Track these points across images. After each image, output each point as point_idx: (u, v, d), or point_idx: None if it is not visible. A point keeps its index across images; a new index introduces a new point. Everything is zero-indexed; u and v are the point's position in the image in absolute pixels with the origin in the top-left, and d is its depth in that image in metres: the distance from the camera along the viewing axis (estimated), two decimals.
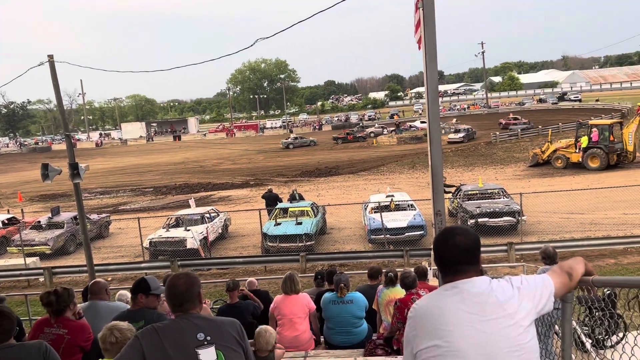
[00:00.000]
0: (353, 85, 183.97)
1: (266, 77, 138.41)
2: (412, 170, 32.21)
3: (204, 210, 19.34)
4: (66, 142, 13.15)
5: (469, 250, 2.09)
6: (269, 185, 30.46)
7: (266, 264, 15.07)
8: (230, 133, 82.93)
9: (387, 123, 68.10)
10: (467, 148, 39.64)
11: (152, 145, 74.41)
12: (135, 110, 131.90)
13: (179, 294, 2.58)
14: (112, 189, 35.14)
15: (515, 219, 16.10)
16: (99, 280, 4.95)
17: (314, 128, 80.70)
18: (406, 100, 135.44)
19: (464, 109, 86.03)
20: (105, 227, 21.12)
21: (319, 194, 26.06)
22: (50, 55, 12.91)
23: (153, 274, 14.75)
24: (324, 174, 34.28)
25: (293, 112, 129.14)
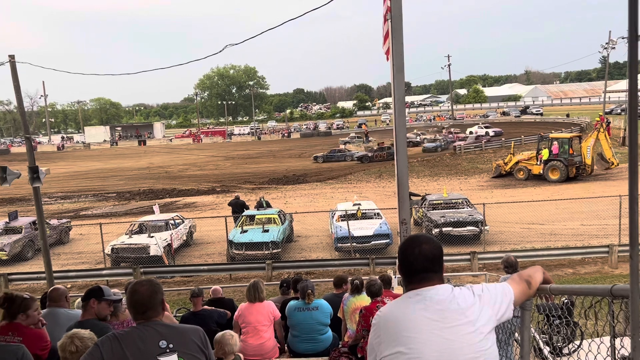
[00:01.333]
0: (322, 94, 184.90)
1: (235, 83, 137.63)
2: (379, 179, 32.52)
3: (169, 216, 19.03)
4: (26, 145, 12.74)
5: (435, 259, 2.13)
6: (236, 192, 30.21)
7: (231, 271, 14.92)
8: (197, 139, 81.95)
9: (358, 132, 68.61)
10: (433, 158, 40.31)
11: (116, 150, 72.85)
12: (100, 114, 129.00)
13: (141, 301, 2.54)
14: (73, 193, 34.21)
15: (478, 228, 16.43)
16: (58, 287, 4.80)
17: (282, 136, 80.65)
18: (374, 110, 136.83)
19: (430, 120, 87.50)
20: (66, 233, 20.51)
21: (286, 202, 25.99)
22: (12, 56, 12.53)
23: (115, 281, 14.43)
24: (291, 181, 34.23)
25: (261, 119, 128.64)
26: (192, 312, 6.17)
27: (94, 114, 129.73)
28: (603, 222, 16.87)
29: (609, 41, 52.07)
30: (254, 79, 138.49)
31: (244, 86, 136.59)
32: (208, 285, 13.24)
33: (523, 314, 2.58)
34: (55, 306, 4.62)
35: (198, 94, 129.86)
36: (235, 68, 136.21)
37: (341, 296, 6.68)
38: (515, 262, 7.21)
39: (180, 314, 8.00)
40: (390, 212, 17.13)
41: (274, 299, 7.27)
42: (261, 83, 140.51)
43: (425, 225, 17.41)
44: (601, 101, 66.14)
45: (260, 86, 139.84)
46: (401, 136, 6.63)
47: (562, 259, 14.60)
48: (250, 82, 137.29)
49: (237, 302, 7.70)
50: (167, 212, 22.60)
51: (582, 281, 13.16)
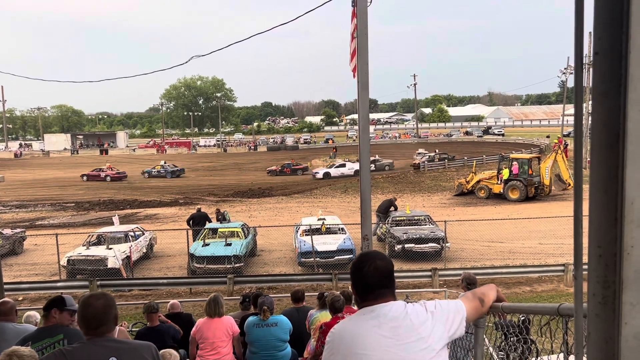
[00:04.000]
0: (290, 108, 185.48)
1: (202, 94, 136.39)
2: (344, 194, 32.68)
3: (128, 228, 18.59)
4: None
5: (389, 275, 2.16)
6: (199, 204, 29.82)
7: (192, 285, 14.64)
8: (161, 149, 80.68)
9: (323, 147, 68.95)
10: (397, 175, 40.83)
11: (77, 158, 70.94)
12: (61, 121, 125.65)
13: (95, 315, 2.45)
14: (29, 202, 33.06)
15: (439, 245, 16.67)
16: (7, 300, 4.62)
17: (249, 148, 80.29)
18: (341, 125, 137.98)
19: (395, 137, 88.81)
20: (20, 243, 19.74)
21: (250, 215, 25.80)
22: None
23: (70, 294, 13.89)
24: (256, 195, 34.03)
25: (228, 131, 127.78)
26: (149, 327, 6.02)
27: (54, 121, 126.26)
28: (559, 241, 17.38)
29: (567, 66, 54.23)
30: (222, 90, 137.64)
31: (211, 98, 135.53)
32: (167, 299, 12.90)
33: (477, 331, 2.63)
34: (5, 320, 4.43)
35: (164, 104, 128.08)
36: (203, 79, 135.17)
37: (301, 310, 6.65)
38: (475, 279, 7.31)
39: (137, 328, 7.78)
40: (355, 228, 17.22)
41: (233, 314, 7.17)
42: (229, 95, 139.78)
43: (388, 242, 17.56)
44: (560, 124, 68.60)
45: (227, 98, 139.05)
46: (365, 152, 6.72)
47: (520, 277, 14.94)
48: (218, 93, 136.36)
49: (197, 316, 7.56)
50: (127, 223, 22.07)
51: (538, 299, 13.49)
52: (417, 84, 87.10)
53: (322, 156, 58.47)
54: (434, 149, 53.96)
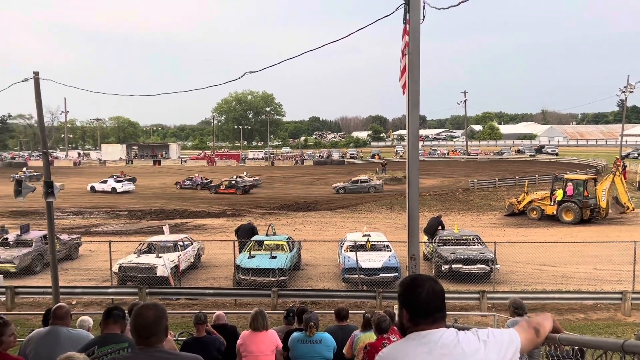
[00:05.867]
0: (337, 123, 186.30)
1: (252, 108, 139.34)
2: (390, 210, 32.36)
3: (178, 237, 19.04)
4: (43, 160, 12.94)
5: (444, 299, 2.14)
6: (247, 216, 30.27)
7: (237, 297, 14.79)
8: (211, 161, 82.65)
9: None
10: (445, 193, 40.10)
11: (131, 168, 73.53)
12: (117, 132, 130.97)
13: (147, 325, 2.50)
14: (86, 209, 34.48)
15: (488, 267, 16.19)
16: (63, 305, 4.80)
17: (295, 162, 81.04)
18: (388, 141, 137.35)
19: (444, 154, 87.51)
20: (75, 249, 20.59)
21: (295, 229, 25.92)
22: (36, 72, 12.84)
23: (120, 300, 14.38)
24: (302, 208, 34.21)
25: (276, 144, 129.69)
26: (195, 337, 6.10)
27: (112, 132, 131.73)
28: (617, 268, 16.53)
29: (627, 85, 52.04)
30: (271, 105, 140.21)
31: (261, 112, 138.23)
32: (213, 309, 13.11)
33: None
34: (60, 324, 4.60)
35: (215, 118, 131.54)
36: (253, 94, 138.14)
37: (345, 329, 6.57)
38: (522, 304, 7.06)
39: (183, 337, 7.92)
40: (400, 245, 16.99)
41: (277, 328, 7.17)
42: (278, 109, 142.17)
43: (435, 261, 17.20)
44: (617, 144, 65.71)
45: (276, 112, 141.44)
46: (414, 169, 6.63)
47: (574, 303, 14.28)
48: (267, 108, 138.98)
49: (241, 328, 7.62)
50: (177, 233, 22.60)
51: (593, 327, 12.84)
52: (467, 100, 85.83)
53: (368, 171, 58.19)
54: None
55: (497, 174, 52.51)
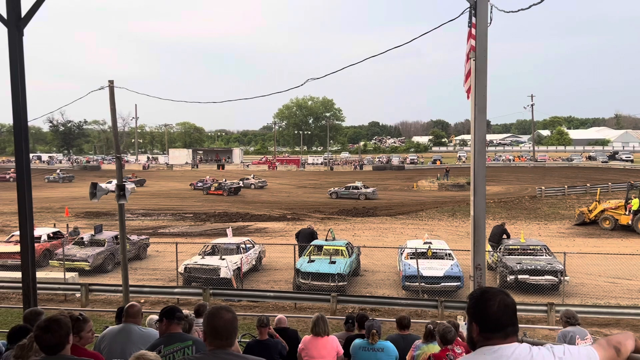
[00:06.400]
0: (397, 127, 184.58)
1: (312, 114, 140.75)
2: (452, 218, 31.65)
3: (240, 240, 19.47)
4: (116, 164, 13.64)
5: (515, 313, 2.10)
6: (306, 220, 30.56)
7: (297, 300, 14.92)
8: (272, 166, 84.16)
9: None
10: (511, 200, 38.74)
11: (196, 172, 76.11)
12: (184, 137, 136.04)
13: (224, 328, 2.56)
14: (154, 211, 35.97)
15: (557, 278, 15.47)
16: (135, 303, 5.02)
17: (355, 167, 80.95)
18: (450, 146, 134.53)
19: (509, 160, 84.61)
20: (144, 249, 21.52)
21: (354, 234, 25.89)
22: (111, 81, 13.59)
23: (185, 300, 14.88)
24: (361, 213, 34.12)
25: (335, 149, 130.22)
26: (258, 340, 6.21)
27: (178, 137, 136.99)
28: None
29: None
30: (331, 110, 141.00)
31: (321, 117, 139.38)
32: (273, 312, 13.33)
33: None
34: (132, 322, 4.82)
35: (276, 123, 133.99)
36: (314, 99, 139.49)
37: (407, 338, 6.47)
38: (575, 315, 6.76)
39: (245, 339, 8.08)
40: (463, 254, 16.58)
41: (337, 334, 7.17)
42: (337, 115, 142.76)
43: (500, 271, 16.64)
44: None
45: (336, 118, 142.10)
46: (480, 177, 6.46)
47: None
48: (327, 113, 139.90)
49: (300, 333, 7.68)
50: (239, 235, 23.14)
51: None
52: (534, 104, 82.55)
53: (428, 177, 57.23)
54: None
55: (566, 181, 50.22)
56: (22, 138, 6.68)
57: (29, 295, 6.64)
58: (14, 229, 24.40)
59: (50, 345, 3.06)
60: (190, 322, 5.71)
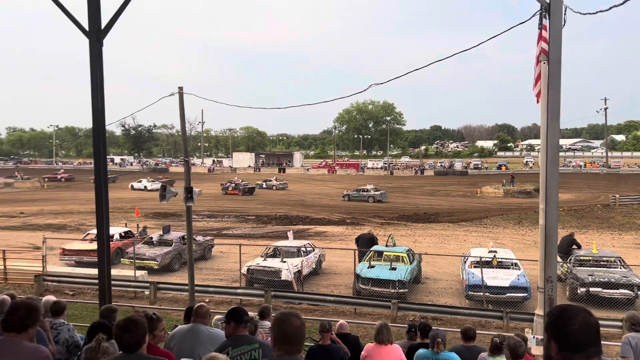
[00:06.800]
0: (460, 131, 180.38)
1: (372, 118, 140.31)
2: (518, 226, 30.50)
3: (301, 243, 19.67)
4: (184, 168, 14.16)
5: (599, 332, 2.02)
6: (365, 225, 30.44)
7: (357, 306, 14.87)
8: (331, 170, 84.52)
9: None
10: (582, 209, 36.86)
11: (258, 175, 77.67)
12: (247, 141, 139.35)
13: (295, 334, 2.57)
14: (218, 213, 37.01)
15: (633, 292, 14.55)
16: (204, 304, 5.18)
17: (415, 172, 79.82)
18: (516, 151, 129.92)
19: (579, 166, 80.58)
20: (209, 250, 22.17)
21: (415, 240, 25.50)
22: (180, 88, 14.13)
23: (247, 301, 15.20)
24: (422, 219, 33.57)
25: (395, 154, 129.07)
26: (320, 345, 6.22)
27: (242, 141, 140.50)
28: None
29: None
30: (392, 114, 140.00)
31: (381, 121, 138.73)
32: (333, 316, 13.34)
33: None
34: (200, 322, 4.98)
35: (336, 127, 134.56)
36: (374, 104, 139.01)
37: (472, 349, 6.29)
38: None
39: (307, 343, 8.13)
40: (531, 264, 15.93)
41: (399, 342, 7.08)
42: (398, 119, 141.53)
43: (570, 283, 15.85)
44: None
45: (396, 122, 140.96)
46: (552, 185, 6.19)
47: None
48: (388, 117, 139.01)
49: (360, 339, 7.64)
50: (299, 238, 23.37)
51: None
52: (607, 107, 78.18)
53: (493, 183, 55.52)
54: None
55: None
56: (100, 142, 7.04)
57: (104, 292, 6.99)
58: (89, 228, 25.89)
59: (129, 345, 3.21)
60: (255, 324, 5.82)
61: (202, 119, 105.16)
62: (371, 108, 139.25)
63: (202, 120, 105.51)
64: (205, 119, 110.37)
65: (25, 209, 38.44)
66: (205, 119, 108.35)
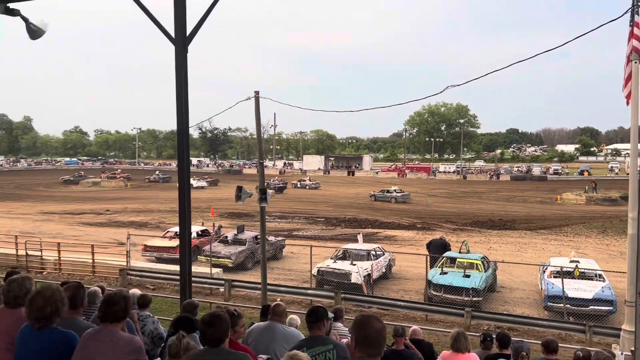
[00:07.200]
0: (539, 135, 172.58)
1: (445, 120, 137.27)
2: (602, 235, 28.72)
3: (371, 247, 19.60)
4: (259, 170, 14.56)
5: None
6: (437, 230, 29.81)
7: (428, 312, 14.60)
8: (401, 173, 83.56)
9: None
10: None
11: (328, 178, 78.35)
12: (317, 144, 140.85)
13: (376, 337, 2.58)
14: (288, 214, 37.65)
15: None
16: (281, 303, 5.31)
17: (490, 176, 77.23)
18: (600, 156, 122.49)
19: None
20: (280, 250, 22.62)
21: (489, 247, 24.69)
22: (257, 92, 14.52)
23: (317, 302, 15.33)
24: (497, 226, 32.42)
25: (469, 157, 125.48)
26: (394, 350, 6.18)
27: (312, 144, 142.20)
28: None
29: None
30: (465, 117, 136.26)
31: (454, 124, 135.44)
32: (403, 322, 13.17)
33: None
34: (277, 321, 5.11)
35: (407, 130, 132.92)
36: (447, 106, 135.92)
37: None
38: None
39: None
40: (617, 276, 14.97)
41: (475, 352, 6.89)
42: (472, 121, 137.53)
43: None
44: None
45: (470, 124, 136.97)
46: None
47: None
48: (461, 120, 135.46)
49: None
50: (368, 242, 23.28)
51: None
52: None
53: (574, 189, 52.61)
54: None
55: None
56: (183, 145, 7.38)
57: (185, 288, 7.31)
58: (169, 226, 27.18)
59: (213, 339, 3.36)
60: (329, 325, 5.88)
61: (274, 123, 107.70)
62: (444, 110, 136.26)
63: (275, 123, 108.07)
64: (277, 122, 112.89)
65: (111, 207, 41.07)
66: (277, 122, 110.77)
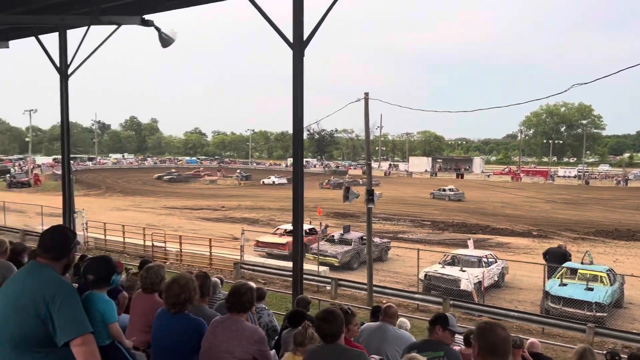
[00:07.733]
0: None
1: (565, 121, 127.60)
2: None
3: (482, 253, 18.81)
4: (367, 171, 14.65)
5: None
6: (554, 239, 27.86)
7: (545, 325, 13.68)
8: (516, 177, 79.22)
9: None
10: None
11: (435, 180, 76.36)
12: (424, 145, 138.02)
13: (501, 345, 2.51)
14: (393, 216, 37.31)
15: None
16: (393, 305, 5.29)
17: (617, 182, 70.65)
18: None
19: None
20: (385, 252, 22.50)
21: (616, 259, 22.63)
22: (366, 93, 14.60)
23: (424, 307, 15.06)
24: (624, 237, 29.58)
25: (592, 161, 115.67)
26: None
27: (418, 146, 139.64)
28: None
29: None
30: (588, 117, 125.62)
31: (575, 125, 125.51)
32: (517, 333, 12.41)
33: None
34: (388, 322, 5.09)
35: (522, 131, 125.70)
36: (567, 106, 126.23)
37: None
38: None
39: None
40: None
41: None
42: (596, 122, 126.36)
43: None
44: None
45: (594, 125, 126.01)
46: None
47: None
48: (583, 121, 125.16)
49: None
50: (478, 248, 22.37)
51: None
52: None
53: None
54: None
55: None
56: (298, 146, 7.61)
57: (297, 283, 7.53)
58: (278, 223, 28.21)
59: (328, 334, 3.43)
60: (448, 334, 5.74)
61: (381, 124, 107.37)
62: (564, 110, 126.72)
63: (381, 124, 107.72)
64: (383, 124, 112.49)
65: (226, 204, 43.52)
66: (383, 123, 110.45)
